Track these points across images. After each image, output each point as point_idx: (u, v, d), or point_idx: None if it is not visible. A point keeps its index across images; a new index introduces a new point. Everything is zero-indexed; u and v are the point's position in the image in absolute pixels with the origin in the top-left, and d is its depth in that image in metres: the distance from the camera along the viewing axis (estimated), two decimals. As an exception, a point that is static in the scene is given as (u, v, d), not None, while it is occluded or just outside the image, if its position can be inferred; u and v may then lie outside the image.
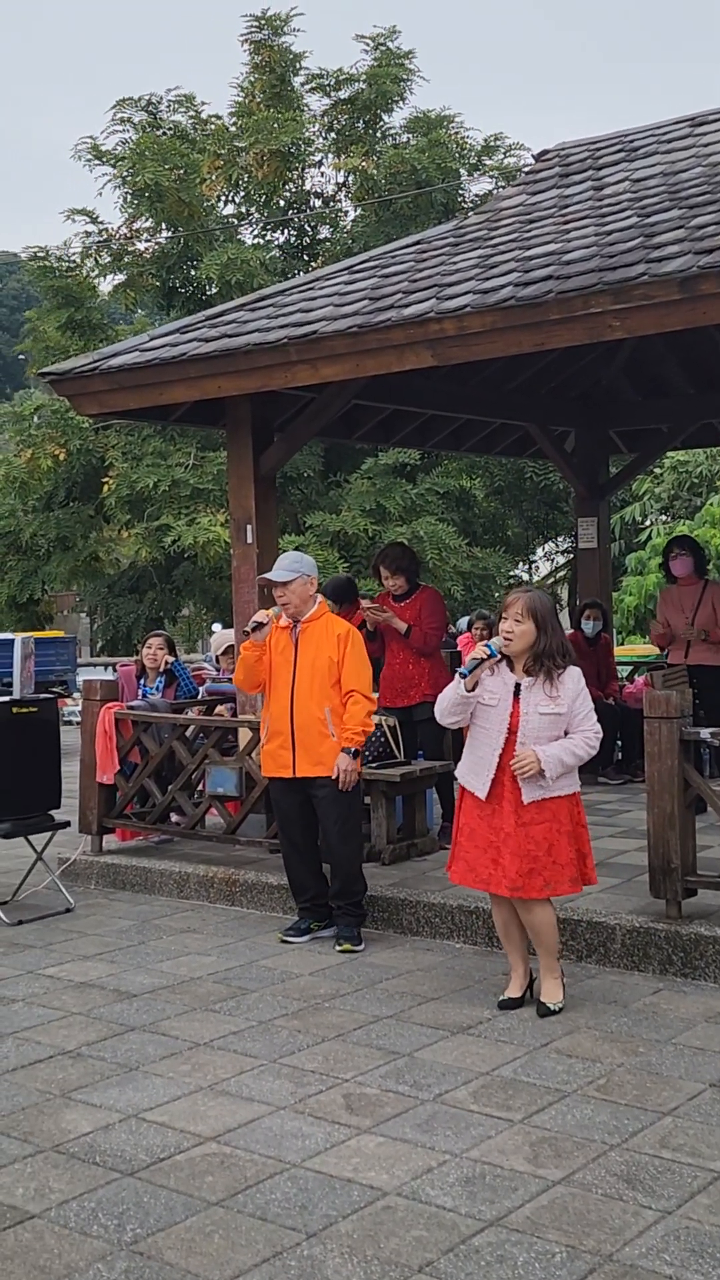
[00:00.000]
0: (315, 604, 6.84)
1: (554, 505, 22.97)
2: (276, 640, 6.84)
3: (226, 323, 8.39)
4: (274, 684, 6.83)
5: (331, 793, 6.69)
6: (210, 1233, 3.73)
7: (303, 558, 6.96)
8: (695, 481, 25.84)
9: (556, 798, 5.49)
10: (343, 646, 6.73)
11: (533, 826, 5.48)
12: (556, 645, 5.53)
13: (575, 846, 5.54)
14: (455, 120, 22.01)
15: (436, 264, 7.99)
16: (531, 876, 5.48)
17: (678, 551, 9.71)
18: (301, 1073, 4.97)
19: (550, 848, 5.47)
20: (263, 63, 21.57)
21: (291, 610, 6.78)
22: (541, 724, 5.47)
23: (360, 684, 6.75)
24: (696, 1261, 3.49)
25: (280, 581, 6.76)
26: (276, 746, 6.78)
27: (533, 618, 5.49)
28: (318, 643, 6.74)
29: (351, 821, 6.85)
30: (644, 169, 8.87)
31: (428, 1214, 3.81)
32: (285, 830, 6.93)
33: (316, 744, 6.66)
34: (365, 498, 19.27)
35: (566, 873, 5.49)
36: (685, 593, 9.58)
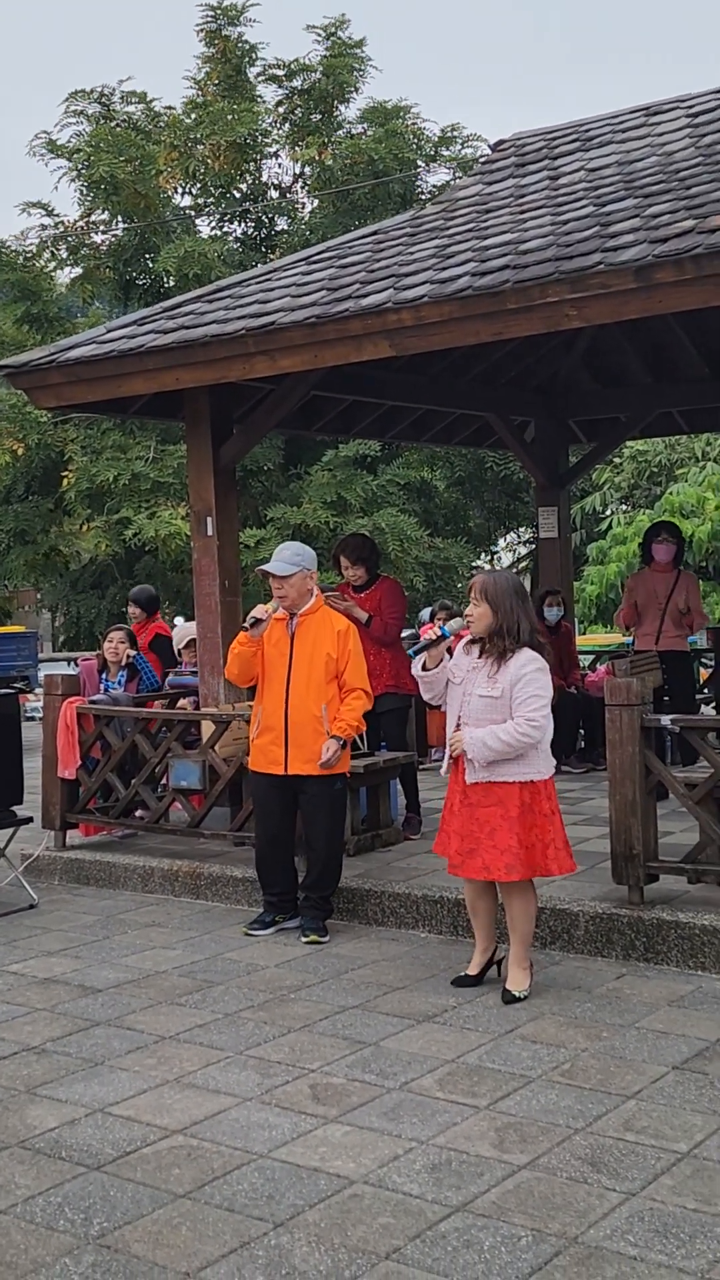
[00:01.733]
0: (312, 597, 6.77)
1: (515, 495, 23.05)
2: (271, 633, 6.75)
3: (184, 314, 8.36)
4: (268, 678, 6.75)
5: (323, 790, 6.66)
6: (177, 1225, 3.73)
7: (304, 550, 6.84)
8: (655, 470, 25.97)
9: (506, 783, 5.49)
10: (343, 643, 6.68)
11: (478, 808, 5.52)
12: (509, 626, 5.49)
13: (523, 834, 5.47)
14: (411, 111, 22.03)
15: (394, 254, 7.99)
16: (471, 856, 5.53)
17: (665, 536, 9.73)
18: (268, 1064, 4.97)
19: (492, 831, 5.49)
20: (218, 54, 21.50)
21: (289, 604, 6.71)
22: (479, 707, 5.50)
23: (362, 682, 6.72)
24: (660, 1242, 3.52)
25: (280, 575, 6.69)
26: (268, 742, 6.72)
27: (485, 598, 5.53)
28: (315, 637, 6.68)
29: (339, 818, 6.84)
30: (599, 159, 8.90)
31: (394, 1201, 3.83)
32: (264, 825, 6.87)
33: (311, 741, 6.60)
34: (326, 490, 19.27)
35: (503, 859, 5.46)
36: (659, 579, 9.61)
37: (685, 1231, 3.57)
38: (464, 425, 12.20)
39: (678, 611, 9.43)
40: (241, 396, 9.05)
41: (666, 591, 9.51)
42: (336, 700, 6.65)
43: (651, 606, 9.50)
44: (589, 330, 10.41)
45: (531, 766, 5.52)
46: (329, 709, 6.61)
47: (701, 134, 8.70)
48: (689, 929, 5.96)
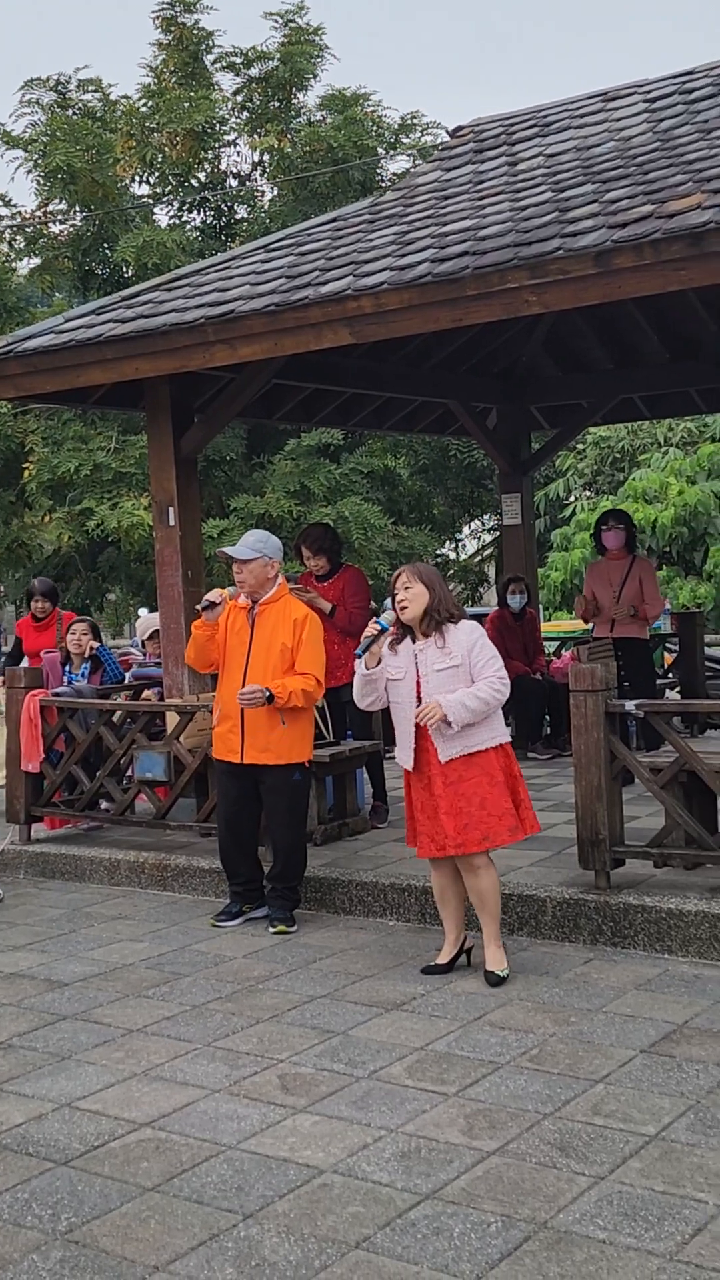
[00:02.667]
0: (275, 586, 6.72)
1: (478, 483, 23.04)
2: (233, 620, 6.72)
3: (143, 303, 8.30)
4: (227, 665, 6.72)
5: (282, 780, 6.64)
6: (146, 1218, 3.72)
7: (269, 538, 6.80)
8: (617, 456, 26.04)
9: (481, 751, 5.54)
10: (299, 631, 6.63)
11: (461, 783, 5.54)
12: (445, 601, 5.64)
13: (510, 796, 5.58)
14: (371, 99, 21.93)
15: (353, 241, 7.96)
16: (468, 831, 5.54)
17: (612, 524, 9.74)
18: (236, 1055, 4.96)
19: (482, 801, 5.52)
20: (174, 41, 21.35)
21: (248, 590, 6.67)
22: (439, 680, 5.53)
23: (315, 669, 6.62)
24: (629, 1225, 3.53)
25: (240, 559, 6.65)
26: (226, 730, 6.70)
27: (420, 580, 5.62)
28: (274, 626, 6.64)
29: (299, 807, 6.82)
30: (557, 144, 8.89)
31: (364, 1190, 3.82)
32: (225, 813, 6.85)
33: (265, 731, 6.58)
34: (289, 479, 19.19)
35: (505, 822, 5.53)
36: (613, 566, 9.64)
37: (654, 1214, 3.58)
38: (426, 413, 12.18)
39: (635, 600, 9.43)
40: (202, 386, 9.00)
41: (621, 579, 9.52)
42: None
43: (606, 594, 9.52)
44: (550, 316, 10.40)
45: (498, 730, 5.63)
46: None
47: (659, 119, 8.70)
48: (655, 913, 5.99)
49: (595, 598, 9.63)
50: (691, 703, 9.06)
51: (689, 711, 8.46)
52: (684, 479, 22.30)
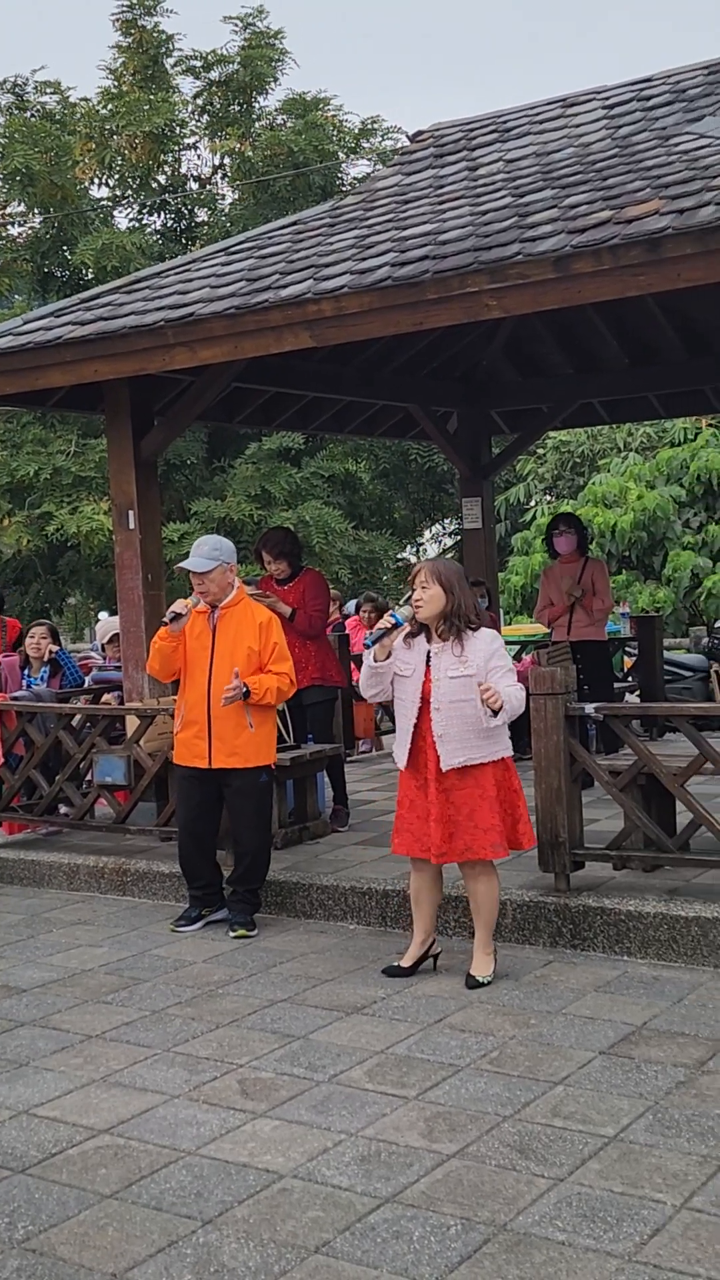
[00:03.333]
0: (234, 590, 6.72)
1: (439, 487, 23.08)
2: (193, 626, 6.70)
3: (102, 305, 8.27)
4: (190, 671, 6.70)
5: (248, 783, 6.62)
6: (104, 1225, 3.69)
7: (221, 543, 6.78)
8: (577, 461, 26.16)
9: (480, 764, 5.51)
10: (266, 636, 6.63)
11: (454, 792, 5.52)
12: (466, 605, 5.56)
13: (501, 812, 5.55)
14: (331, 103, 21.96)
15: (313, 245, 7.96)
16: (452, 841, 5.53)
17: (562, 528, 9.80)
18: (196, 1060, 4.94)
19: (471, 813, 5.50)
20: (134, 44, 21.29)
21: (210, 598, 6.67)
22: (453, 688, 5.49)
23: (287, 669, 6.67)
24: (588, 1226, 3.54)
25: (200, 571, 6.62)
26: (191, 736, 6.67)
27: (439, 581, 5.54)
28: (237, 629, 6.63)
29: (265, 811, 6.80)
30: (517, 150, 8.92)
31: (324, 1194, 3.81)
32: (187, 819, 6.81)
33: (233, 735, 6.56)
34: (250, 483, 19.16)
35: (488, 838, 5.50)
36: (567, 570, 9.68)
37: (612, 1215, 3.59)
38: (386, 416, 12.19)
39: (590, 602, 9.48)
40: (162, 388, 8.97)
41: (574, 581, 9.57)
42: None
43: (561, 598, 9.57)
44: (510, 321, 10.44)
45: (501, 744, 5.58)
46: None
47: (618, 125, 8.75)
48: (614, 915, 6.01)
49: (552, 601, 9.67)
50: (650, 705, 9.11)
51: (648, 715, 8.51)
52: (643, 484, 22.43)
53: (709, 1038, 4.88)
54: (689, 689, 13.18)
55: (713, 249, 5.92)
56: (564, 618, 9.56)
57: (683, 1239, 3.46)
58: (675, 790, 6.21)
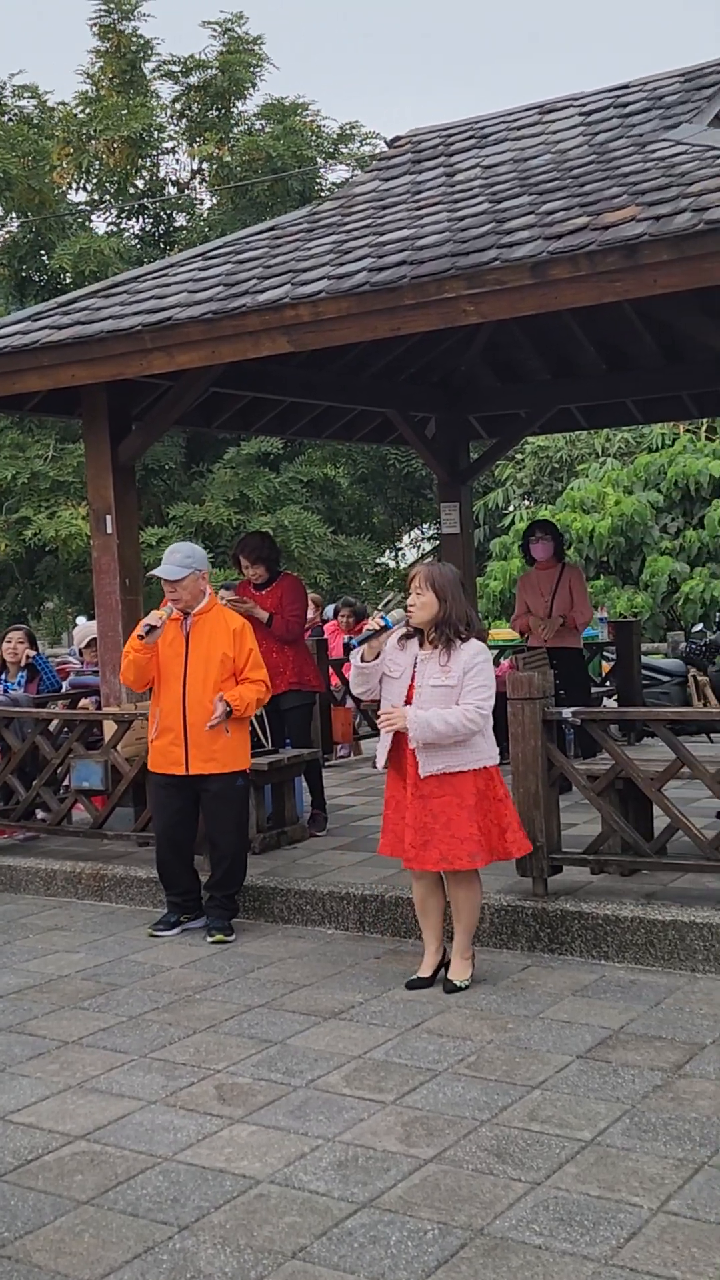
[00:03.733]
0: (206, 597, 6.73)
1: (418, 492, 23.13)
2: (166, 634, 6.70)
3: (79, 310, 8.25)
4: (164, 678, 6.70)
5: (226, 788, 6.62)
6: (80, 1232, 3.68)
7: (194, 551, 6.82)
8: (556, 466, 26.21)
9: (460, 772, 5.49)
10: (240, 643, 6.66)
11: (431, 799, 5.51)
12: (458, 614, 5.53)
13: (481, 821, 5.53)
14: (309, 108, 22.00)
15: (291, 250, 7.96)
16: (426, 849, 5.51)
17: (539, 535, 9.81)
18: (173, 1066, 4.92)
19: (448, 822, 5.49)
20: (112, 48, 21.29)
21: (183, 606, 6.68)
22: (433, 696, 5.48)
23: (263, 677, 6.71)
24: (564, 1230, 3.54)
25: (173, 579, 6.63)
26: (168, 743, 6.67)
27: (432, 588, 5.53)
28: (210, 636, 6.64)
29: (242, 817, 6.81)
30: (495, 156, 8.95)
31: (301, 1199, 3.81)
32: (164, 826, 6.81)
33: (210, 741, 6.57)
34: (228, 487, 19.17)
35: (466, 848, 5.48)
36: (543, 576, 9.69)
37: (589, 1219, 3.60)
38: (365, 421, 12.20)
39: (566, 608, 9.48)
40: (140, 393, 8.96)
41: (551, 588, 9.58)
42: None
43: (539, 605, 9.58)
44: (488, 327, 10.45)
45: (482, 753, 5.55)
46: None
47: (594, 132, 8.79)
48: (592, 919, 6.02)
49: (530, 608, 9.68)
50: (627, 710, 9.13)
51: (625, 719, 8.53)
52: (621, 489, 22.49)
53: (685, 1041, 4.90)
54: (666, 694, 13.22)
55: (689, 256, 5.95)
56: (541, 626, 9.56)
57: (659, 1242, 3.46)
58: (652, 794, 6.23)
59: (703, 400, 11.95)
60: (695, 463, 21.86)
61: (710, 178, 6.40)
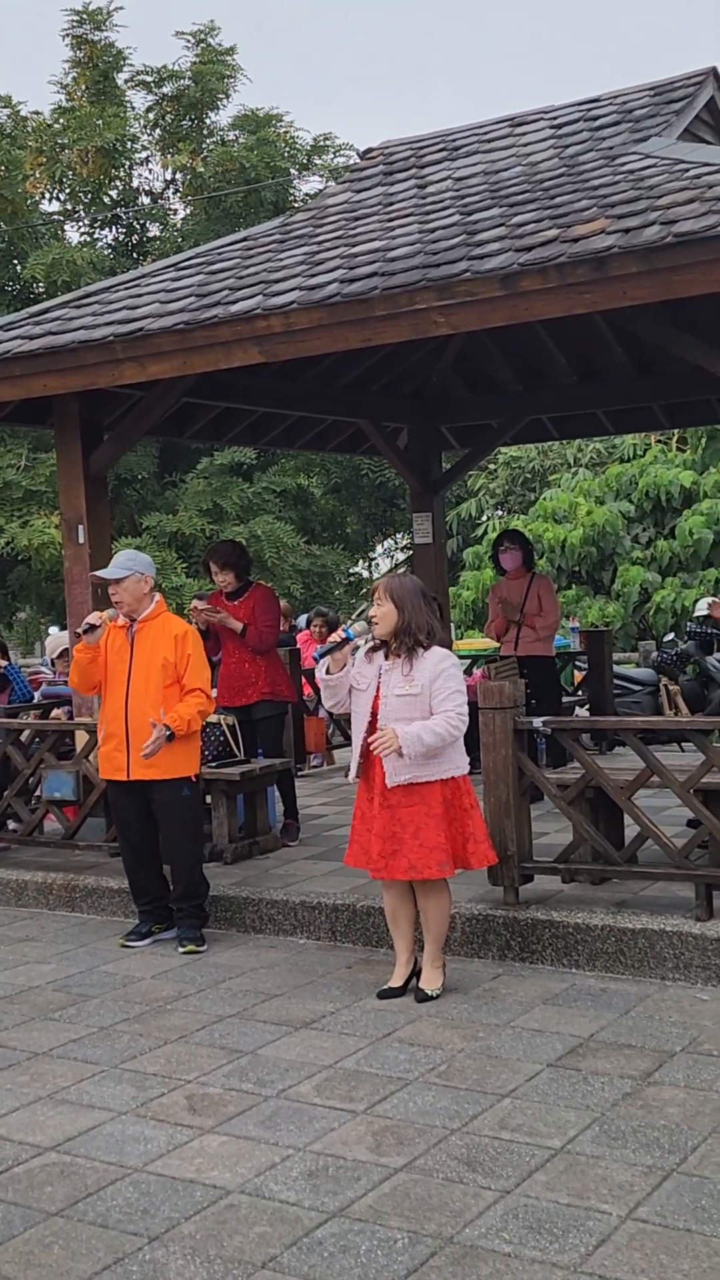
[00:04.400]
0: (152, 603, 6.76)
1: (391, 502, 23.16)
2: (113, 639, 6.75)
3: (51, 320, 8.25)
4: (109, 684, 6.74)
5: (171, 796, 6.62)
6: (49, 1243, 3.67)
7: (137, 555, 6.88)
8: (528, 476, 26.33)
9: (428, 782, 5.51)
10: (181, 647, 6.66)
11: (399, 809, 5.52)
12: (418, 624, 5.55)
13: (449, 831, 5.54)
14: (283, 119, 22.04)
15: (263, 260, 7.98)
16: (395, 858, 5.52)
17: (507, 545, 9.85)
18: (143, 1076, 4.92)
19: (417, 831, 5.50)
20: (85, 58, 21.28)
21: (126, 609, 6.70)
22: (398, 705, 5.50)
23: (203, 683, 6.68)
24: (534, 1238, 3.56)
25: (113, 579, 6.67)
26: (112, 749, 6.69)
27: (391, 598, 5.56)
28: (154, 642, 6.67)
29: (193, 824, 6.80)
30: (466, 168, 8.99)
31: (271, 1209, 3.81)
32: (124, 833, 6.85)
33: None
34: (202, 497, 19.15)
35: (435, 856, 5.49)
36: (513, 586, 9.73)
37: (558, 1226, 3.61)
38: (337, 432, 12.22)
39: (529, 619, 9.53)
40: (112, 403, 8.95)
41: (521, 597, 9.62)
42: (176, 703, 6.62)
43: (510, 614, 9.61)
44: (459, 338, 10.50)
45: (451, 763, 5.57)
46: (168, 715, 6.58)
47: (565, 145, 8.84)
48: (563, 928, 6.04)
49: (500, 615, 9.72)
50: (598, 719, 9.16)
51: (596, 728, 8.57)
52: (593, 499, 22.61)
53: (655, 1049, 4.92)
54: (638, 703, 13.28)
55: (657, 268, 6.00)
56: (510, 633, 9.61)
57: (628, 1249, 3.48)
58: (623, 803, 6.26)
59: (673, 411, 12.04)
60: (666, 473, 22.00)
61: (679, 191, 6.46)
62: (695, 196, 6.26)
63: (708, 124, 9.37)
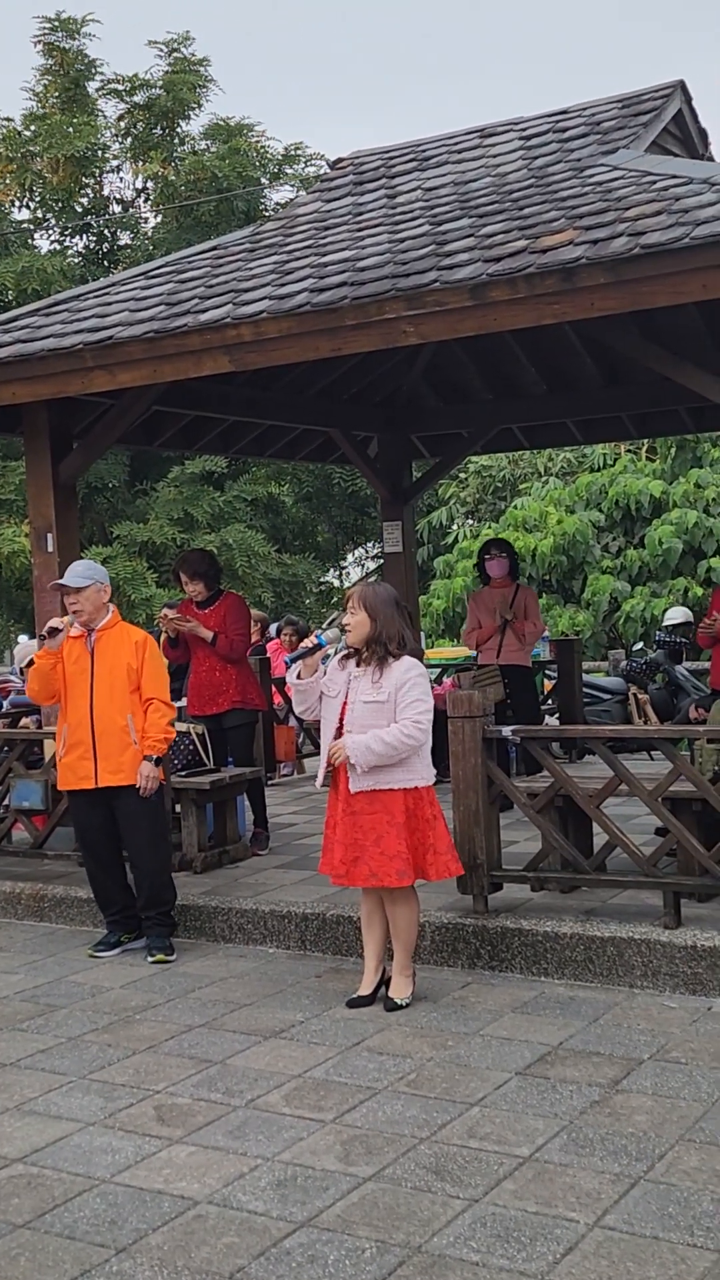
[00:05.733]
0: (109, 613, 6.77)
1: (362, 510, 23.19)
2: (70, 650, 6.75)
3: (20, 328, 8.23)
4: (70, 694, 6.73)
5: (136, 803, 6.61)
6: (16, 1256, 3.65)
7: (95, 565, 6.93)
8: (499, 485, 26.38)
9: (390, 790, 5.52)
10: (140, 654, 6.69)
11: (361, 816, 5.54)
12: (390, 633, 5.58)
13: (411, 840, 5.55)
14: (255, 129, 22.08)
15: (233, 269, 7.99)
16: (356, 865, 5.54)
17: (494, 553, 9.87)
18: (112, 1087, 4.90)
19: (379, 838, 5.52)
20: (56, 66, 21.26)
21: (84, 619, 6.70)
22: (364, 712, 5.53)
23: (159, 691, 6.70)
24: (502, 1246, 3.56)
25: (73, 587, 6.67)
26: (76, 758, 6.67)
27: (364, 607, 5.59)
28: (114, 650, 6.68)
29: (158, 830, 6.79)
30: (435, 178, 9.03)
31: (239, 1220, 3.80)
32: (87, 844, 6.82)
33: (118, 752, 6.58)
34: (173, 506, 19.14)
35: (394, 865, 5.51)
36: (498, 595, 9.75)
37: (526, 1234, 3.62)
38: (308, 440, 12.23)
39: (521, 627, 9.57)
40: (82, 411, 8.94)
41: (506, 603, 9.66)
42: (140, 711, 6.63)
43: (491, 622, 9.65)
44: (430, 347, 10.53)
45: (415, 773, 5.58)
46: (134, 720, 6.60)
47: (534, 156, 8.89)
48: (532, 936, 6.06)
49: (481, 624, 9.74)
50: (567, 728, 9.20)
51: (565, 737, 8.59)
52: (563, 508, 22.68)
53: (623, 1057, 4.94)
54: (608, 711, 13.33)
55: (625, 279, 6.04)
56: (493, 641, 9.62)
57: (595, 1257, 3.49)
58: (591, 812, 6.28)
59: (642, 421, 12.09)
60: (635, 483, 22.09)
61: (646, 203, 6.50)
62: (662, 209, 6.31)
63: (675, 136, 9.43)
